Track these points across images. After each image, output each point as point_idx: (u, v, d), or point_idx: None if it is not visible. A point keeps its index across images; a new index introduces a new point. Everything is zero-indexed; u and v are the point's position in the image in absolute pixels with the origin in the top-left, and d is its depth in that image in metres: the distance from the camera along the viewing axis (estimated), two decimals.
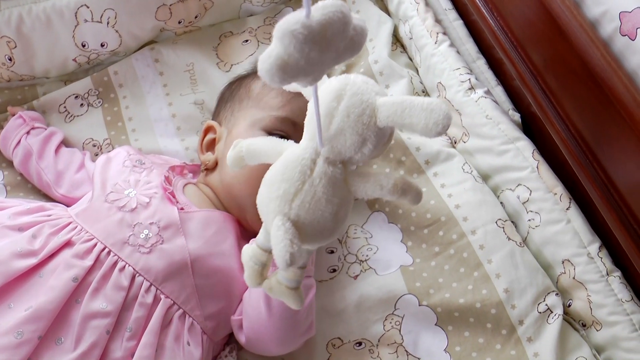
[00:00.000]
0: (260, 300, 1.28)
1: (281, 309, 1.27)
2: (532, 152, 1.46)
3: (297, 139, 1.38)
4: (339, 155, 0.99)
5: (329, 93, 0.97)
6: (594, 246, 1.37)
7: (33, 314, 1.15)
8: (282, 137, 1.38)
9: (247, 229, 1.42)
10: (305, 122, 1.02)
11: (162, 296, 1.25)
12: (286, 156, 1.01)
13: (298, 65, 0.79)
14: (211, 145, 1.50)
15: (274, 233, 0.95)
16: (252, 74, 1.55)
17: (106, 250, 1.25)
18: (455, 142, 1.59)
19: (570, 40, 1.24)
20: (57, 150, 1.56)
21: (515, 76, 1.42)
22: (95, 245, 1.25)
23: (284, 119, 1.41)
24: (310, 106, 0.99)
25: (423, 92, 1.67)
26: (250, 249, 1.07)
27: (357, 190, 1.01)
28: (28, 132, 1.57)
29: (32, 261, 1.21)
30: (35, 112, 1.64)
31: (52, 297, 1.17)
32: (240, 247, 1.34)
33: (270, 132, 1.39)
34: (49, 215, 1.32)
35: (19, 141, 1.56)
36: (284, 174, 0.99)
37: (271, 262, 1.07)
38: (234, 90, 1.53)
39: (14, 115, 1.62)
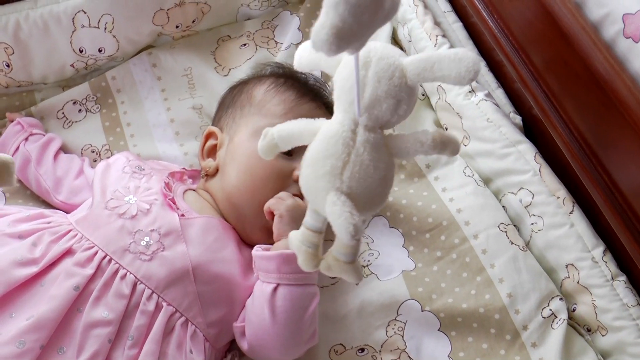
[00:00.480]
0: (264, 307, 1.27)
1: (285, 316, 1.26)
2: (534, 155, 1.45)
3: (300, 147, 1.38)
4: (377, 120, 1.00)
5: (354, 62, 0.98)
6: (598, 250, 1.36)
7: (35, 324, 1.14)
8: None
9: (242, 238, 1.41)
10: (335, 97, 1.02)
11: (164, 304, 1.24)
12: (324, 133, 1.01)
13: (352, 30, 0.80)
14: (212, 152, 1.49)
15: (331, 209, 0.95)
16: (254, 79, 1.55)
17: (107, 258, 1.24)
18: None
19: (572, 42, 1.23)
20: (55, 156, 1.55)
21: (516, 79, 1.41)
22: (96, 253, 1.24)
23: None
24: (343, 79, 1.00)
25: (423, 94, 1.66)
26: (299, 234, 1.07)
27: (400, 152, 1.02)
28: (26, 139, 1.56)
29: (33, 270, 1.20)
30: (33, 118, 1.64)
31: (53, 306, 1.16)
32: (241, 253, 1.35)
33: None
34: (49, 223, 1.31)
35: (18, 147, 1.56)
36: (327, 150, 0.99)
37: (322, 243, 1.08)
38: (235, 95, 1.52)
39: (12, 121, 1.61)
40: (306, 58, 1.08)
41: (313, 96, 1.49)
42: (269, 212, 1.35)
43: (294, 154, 1.40)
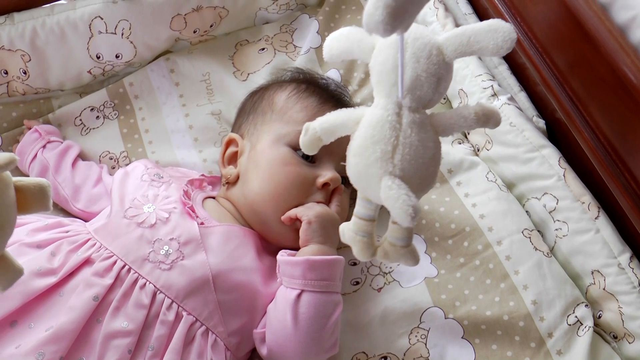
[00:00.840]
0: (286, 313, 1.25)
1: (308, 323, 1.25)
2: (559, 160, 1.43)
3: (322, 154, 1.37)
4: (420, 101, 1.00)
5: (390, 46, 1.00)
6: (625, 256, 1.34)
7: (54, 335, 1.13)
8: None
9: (270, 242, 1.40)
10: (374, 82, 1.03)
11: (184, 313, 1.23)
12: (368, 120, 1.01)
13: (404, 8, 0.83)
14: (233, 159, 1.47)
15: (387, 194, 0.95)
16: (274, 85, 1.53)
17: (126, 267, 1.23)
18: (478, 150, 1.56)
19: (598, 46, 1.21)
20: (74, 164, 1.55)
21: (539, 82, 1.39)
22: (115, 262, 1.24)
23: None
24: (381, 63, 1.01)
25: (444, 98, 1.64)
26: (351, 225, 1.08)
27: (445, 129, 1.03)
28: (44, 146, 1.55)
29: (52, 280, 1.20)
30: (51, 125, 1.63)
31: (73, 317, 1.15)
32: (261, 261, 1.34)
33: (295, 148, 1.38)
34: (67, 232, 1.31)
35: (35, 155, 1.55)
36: (374, 136, 0.99)
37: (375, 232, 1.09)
38: (256, 102, 1.51)
39: (29, 129, 1.60)
40: (337, 48, 1.07)
41: (335, 102, 1.48)
42: (293, 219, 1.34)
43: (317, 161, 1.39)
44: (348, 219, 1.44)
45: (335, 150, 1.39)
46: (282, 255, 1.31)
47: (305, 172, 1.38)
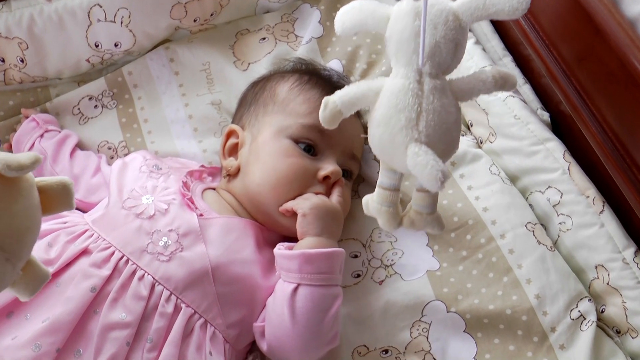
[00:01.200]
0: (284, 307, 1.24)
1: (305, 317, 1.24)
2: (563, 153, 1.41)
3: (324, 147, 1.35)
4: (440, 67, 1.01)
5: (407, 14, 1.00)
6: (630, 251, 1.33)
7: (51, 326, 1.12)
8: (308, 145, 1.36)
9: (273, 233, 1.39)
10: (393, 53, 1.03)
11: (183, 305, 1.22)
12: (390, 89, 1.02)
13: None
14: (233, 151, 1.46)
15: (414, 160, 0.96)
16: (276, 75, 1.52)
17: (124, 258, 1.22)
18: (481, 143, 1.54)
19: (607, 39, 1.19)
20: (72, 153, 1.53)
21: (545, 74, 1.37)
22: (113, 253, 1.23)
23: (312, 126, 1.38)
24: (399, 32, 1.01)
25: None
26: (375, 196, 1.08)
27: (464, 94, 1.04)
28: (42, 135, 1.54)
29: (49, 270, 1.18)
30: (48, 114, 1.61)
31: (70, 308, 1.14)
32: (261, 254, 1.33)
33: (297, 141, 1.38)
34: (65, 222, 1.30)
35: (33, 144, 1.53)
36: (397, 105, 0.99)
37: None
38: (258, 93, 1.49)
39: (27, 117, 1.58)
40: (350, 21, 1.06)
41: None
42: (289, 211, 1.32)
43: (318, 154, 1.39)
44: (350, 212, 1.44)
45: (336, 144, 1.39)
46: (280, 249, 1.30)
47: (306, 164, 1.36)
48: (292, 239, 1.33)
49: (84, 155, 1.54)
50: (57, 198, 0.87)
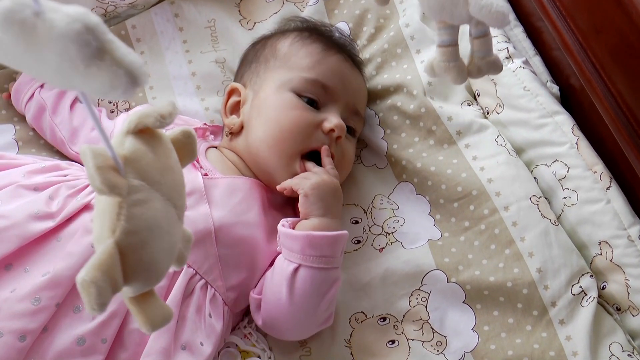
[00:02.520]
0: (282, 286, 1.24)
1: (303, 299, 1.24)
2: (572, 127, 1.40)
3: (327, 101, 1.36)
4: None
5: None
6: (635, 228, 1.32)
7: (51, 280, 1.10)
8: (311, 100, 1.34)
9: (275, 194, 1.37)
10: None
11: (184, 265, 1.20)
12: None
13: None
14: (235, 109, 1.44)
15: (479, 4, 0.91)
16: (277, 33, 1.50)
17: None
18: (487, 113, 1.52)
19: (629, 12, 1.16)
20: (72, 105, 1.50)
21: (560, 45, 1.35)
22: None
23: (314, 81, 1.37)
24: None
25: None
26: (439, 55, 1.04)
27: None
28: (42, 86, 1.51)
29: (50, 224, 1.16)
30: None
31: (71, 264, 1.12)
32: (266, 216, 1.32)
33: (300, 94, 1.36)
34: (65, 176, 1.28)
35: (32, 95, 1.50)
36: None
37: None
38: (259, 50, 1.48)
39: None
40: None
41: (339, 49, 1.46)
42: (290, 190, 1.32)
43: (321, 107, 1.37)
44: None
45: (339, 98, 1.38)
46: (284, 226, 1.28)
47: (310, 117, 1.35)
48: (296, 199, 1.32)
49: (84, 108, 1.52)
50: (185, 148, 0.82)
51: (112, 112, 1.56)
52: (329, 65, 1.40)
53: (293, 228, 1.28)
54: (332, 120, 1.35)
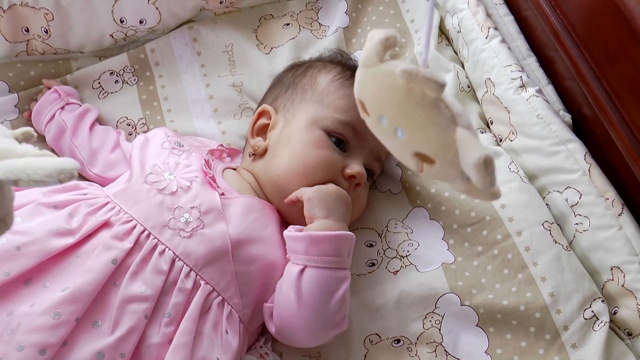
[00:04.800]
0: (290, 289, 1.25)
1: (311, 299, 1.25)
2: (584, 155, 1.42)
3: (354, 145, 1.39)
4: None
5: None
6: None
7: (71, 295, 1.11)
8: (339, 140, 1.37)
9: (287, 220, 1.39)
10: None
11: (202, 282, 1.22)
12: None
13: None
14: (262, 131, 1.46)
15: None
16: (318, 63, 1.52)
17: (146, 232, 1.22)
18: (501, 140, 1.55)
19: None
20: (91, 127, 1.53)
21: (574, 75, 1.37)
22: (135, 227, 1.22)
23: (347, 124, 1.39)
24: None
25: (469, 87, 1.63)
26: None
27: None
28: (62, 108, 1.53)
29: (69, 240, 1.18)
30: (70, 87, 1.60)
31: (90, 279, 1.14)
32: (281, 235, 1.33)
33: (330, 134, 1.38)
34: (85, 194, 1.29)
35: (53, 116, 1.53)
36: None
37: None
38: (298, 77, 1.49)
39: (49, 88, 1.58)
40: None
41: None
42: (294, 200, 1.34)
43: (348, 151, 1.40)
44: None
45: (366, 144, 1.41)
46: (289, 231, 1.30)
47: (335, 158, 1.37)
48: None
49: (103, 130, 1.54)
50: None
51: (130, 134, 1.58)
52: None
53: None
54: (354, 167, 1.37)
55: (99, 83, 1.64)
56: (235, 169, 1.45)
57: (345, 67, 1.50)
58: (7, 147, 0.83)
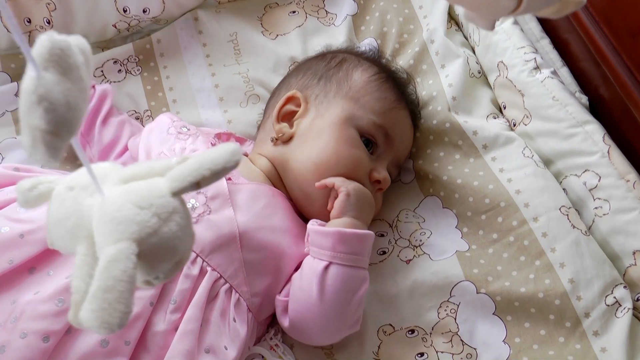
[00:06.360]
0: (312, 284, 1.21)
1: (334, 296, 1.21)
2: (603, 136, 1.37)
3: (382, 150, 1.37)
4: None
5: None
6: None
7: None
8: (369, 142, 1.36)
9: (299, 209, 1.37)
10: None
11: (209, 268, 1.18)
12: None
13: None
14: (288, 117, 1.41)
15: None
16: (353, 58, 1.48)
17: None
18: (514, 125, 1.51)
19: None
20: (105, 120, 1.49)
21: (593, 52, 1.34)
22: None
23: (381, 127, 1.37)
24: None
25: (479, 72, 1.59)
26: None
27: None
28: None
29: None
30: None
31: None
32: (292, 222, 1.30)
33: (362, 134, 1.36)
34: None
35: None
36: None
37: None
38: (332, 69, 1.45)
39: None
40: None
41: (406, 103, 1.46)
42: (326, 186, 1.31)
43: (375, 153, 1.38)
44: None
45: (393, 151, 1.40)
46: (313, 225, 1.27)
47: (365, 161, 1.35)
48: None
49: (118, 125, 1.50)
50: None
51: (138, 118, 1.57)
52: (397, 118, 1.41)
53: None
54: (381, 172, 1.36)
55: (102, 71, 1.61)
56: (245, 155, 1.41)
57: (380, 66, 1.47)
58: (144, 169, 0.80)
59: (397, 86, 1.45)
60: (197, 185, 0.72)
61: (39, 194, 0.83)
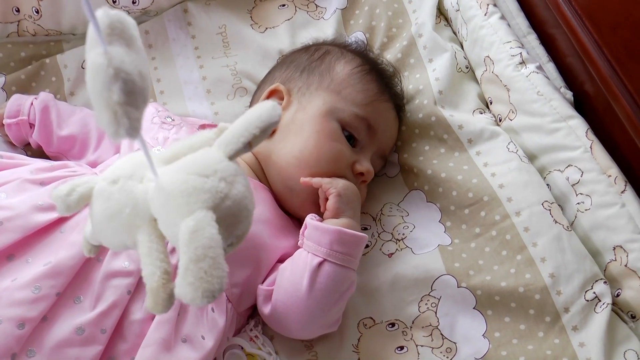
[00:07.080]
0: (304, 278, 1.21)
1: (322, 293, 1.22)
2: (586, 132, 1.37)
3: (365, 142, 1.37)
4: None
5: None
6: None
7: (52, 269, 1.08)
8: (351, 135, 1.35)
9: (281, 203, 1.37)
10: None
11: None
12: None
13: None
14: None
15: None
16: (336, 50, 1.48)
17: None
18: (500, 120, 1.51)
19: None
20: (60, 125, 1.48)
21: (575, 45, 1.33)
22: None
23: (363, 119, 1.37)
24: None
25: (467, 67, 1.59)
26: None
27: None
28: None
29: (53, 216, 1.15)
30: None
31: (73, 253, 1.11)
32: (273, 215, 1.30)
33: (344, 127, 1.36)
34: (74, 172, 1.26)
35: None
36: None
37: None
38: (315, 62, 1.45)
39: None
40: None
41: (390, 95, 1.46)
42: (311, 185, 1.31)
43: (357, 146, 1.38)
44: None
45: (375, 143, 1.40)
46: (312, 219, 1.27)
47: (347, 154, 1.35)
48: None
49: (76, 126, 1.49)
50: None
51: None
52: (380, 110, 1.41)
53: None
54: (364, 164, 1.36)
55: None
56: None
57: (364, 58, 1.47)
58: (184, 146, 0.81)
59: (380, 78, 1.45)
60: (249, 145, 0.73)
61: (80, 197, 0.83)
